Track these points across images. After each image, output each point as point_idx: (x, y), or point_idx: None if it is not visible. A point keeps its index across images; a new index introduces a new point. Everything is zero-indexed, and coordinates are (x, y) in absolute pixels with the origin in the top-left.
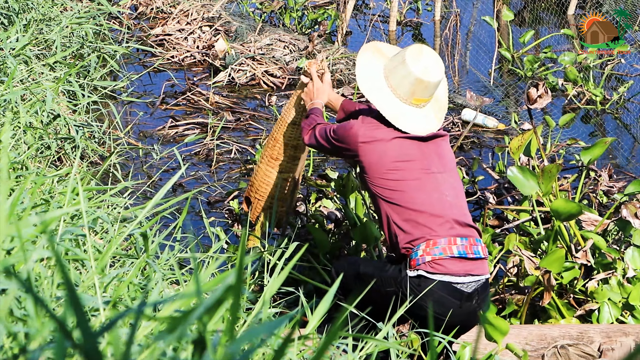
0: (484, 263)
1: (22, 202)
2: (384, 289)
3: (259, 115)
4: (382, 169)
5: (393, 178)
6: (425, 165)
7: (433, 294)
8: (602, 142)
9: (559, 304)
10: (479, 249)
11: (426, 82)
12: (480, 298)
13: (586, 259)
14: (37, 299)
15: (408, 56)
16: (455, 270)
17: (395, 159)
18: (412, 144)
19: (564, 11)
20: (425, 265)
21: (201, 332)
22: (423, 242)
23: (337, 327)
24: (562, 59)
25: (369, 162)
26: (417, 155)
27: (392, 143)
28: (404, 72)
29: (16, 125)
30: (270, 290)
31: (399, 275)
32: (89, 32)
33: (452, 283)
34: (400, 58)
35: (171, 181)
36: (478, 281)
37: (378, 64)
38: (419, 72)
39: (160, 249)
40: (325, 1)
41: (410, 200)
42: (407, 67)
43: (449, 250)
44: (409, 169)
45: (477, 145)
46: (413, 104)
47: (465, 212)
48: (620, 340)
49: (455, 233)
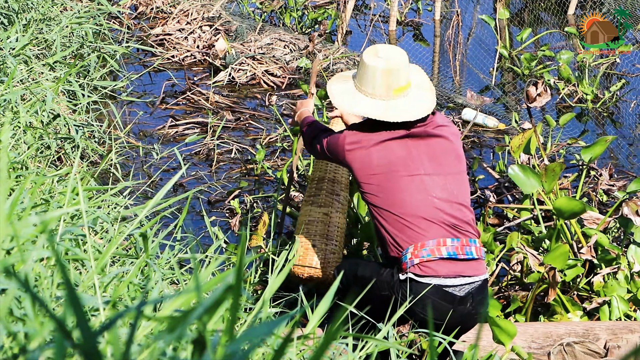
0: (478, 263)
1: (22, 202)
2: (380, 293)
3: (259, 115)
4: (367, 173)
5: (376, 182)
6: (411, 168)
7: (425, 298)
8: (603, 140)
9: (564, 300)
10: (472, 249)
11: (393, 68)
12: (475, 300)
13: (590, 255)
14: (36, 298)
15: (366, 59)
16: (444, 272)
17: (378, 162)
18: (399, 146)
19: (564, 11)
20: (414, 267)
21: (201, 331)
22: (411, 245)
23: (336, 327)
24: (560, 57)
25: (355, 168)
26: (402, 159)
27: (377, 148)
28: (370, 73)
29: (16, 125)
30: (270, 290)
31: (391, 279)
32: (88, 32)
33: (442, 286)
34: (361, 66)
35: (171, 181)
36: (472, 283)
37: (347, 85)
38: (382, 64)
39: (160, 248)
40: (325, 1)
41: (396, 203)
42: (370, 66)
43: (437, 251)
44: (392, 171)
45: (477, 144)
46: (395, 96)
47: (459, 214)
48: (626, 337)
49: (444, 234)
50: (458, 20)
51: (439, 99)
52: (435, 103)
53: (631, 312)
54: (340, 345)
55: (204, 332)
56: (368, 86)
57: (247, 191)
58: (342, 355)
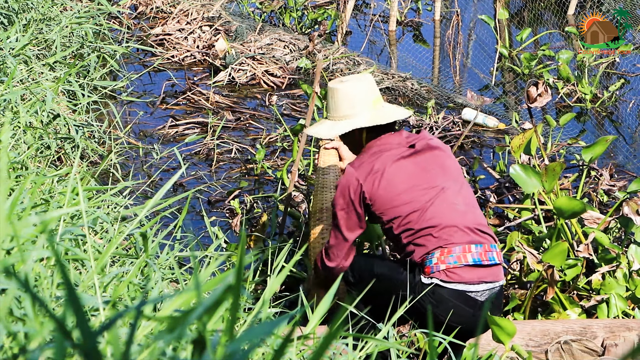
0: (499, 269)
1: (22, 202)
2: (398, 292)
3: (259, 115)
4: (392, 196)
5: (403, 202)
6: (430, 181)
7: (447, 302)
8: (603, 140)
9: (562, 298)
10: (494, 255)
11: (363, 84)
12: (494, 306)
13: (588, 253)
14: (36, 298)
15: (335, 85)
16: (469, 278)
17: (401, 183)
18: (411, 163)
19: (564, 11)
20: (439, 273)
21: (201, 331)
22: (437, 250)
23: (336, 326)
24: (560, 56)
25: (378, 196)
26: (419, 173)
27: (392, 170)
28: (341, 96)
29: (16, 125)
30: (270, 290)
31: (412, 280)
32: (88, 32)
33: (466, 292)
34: (332, 96)
35: (171, 181)
36: (492, 289)
37: (326, 123)
38: (349, 84)
39: (160, 248)
40: (325, 1)
41: (425, 219)
42: (341, 89)
43: (463, 258)
44: (416, 188)
45: (477, 144)
46: (375, 106)
47: (478, 219)
48: (623, 335)
49: (470, 240)
50: (458, 20)
51: (439, 99)
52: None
53: (629, 310)
54: (341, 345)
55: (203, 332)
56: (346, 109)
57: (247, 191)
58: (342, 355)
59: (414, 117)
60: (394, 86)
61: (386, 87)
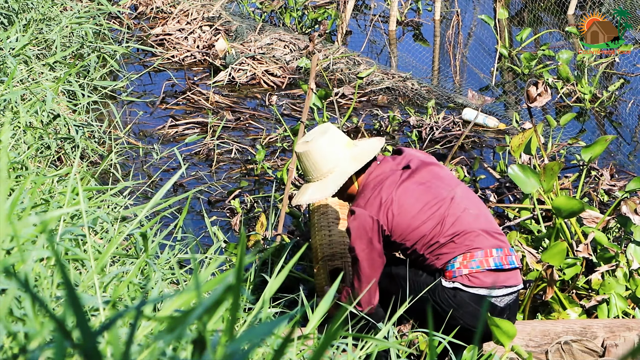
0: (517, 273)
1: (22, 202)
2: (416, 294)
3: (259, 115)
4: (409, 219)
5: (422, 222)
6: (437, 195)
7: (468, 306)
8: (603, 140)
9: (561, 297)
10: (513, 258)
11: (329, 134)
12: (511, 312)
13: (587, 252)
14: (36, 298)
15: (302, 148)
16: (490, 282)
17: (413, 205)
18: (413, 184)
19: (564, 11)
20: (462, 278)
21: (201, 331)
22: (460, 255)
23: (336, 326)
24: (560, 56)
25: (395, 224)
26: (425, 191)
27: (399, 195)
28: (315, 155)
29: (16, 125)
30: (270, 290)
31: (432, 283)
32: (88, 32)
33: (486, 296)
34: (305, 163)
35: (171, 181)
36: (511, 293)
37: (310, 187)
38: (317, 142)
39: (160, 248)
40: (325, 1)
41: (447, 229)
42: (311, 152)
43: (485, 263)
44: (428, 205)
45: (478, 144)
46: (350, 147)
47: (491, 221)
48: (623, 335)
49: (490, 244)
50: (458, 20)
51: (440, 99)
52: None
53: (629, 309)
54: (341, 345)
55: (204, 332)
56: (327, 164)
57: (247, 191)
58: (342, 355)
59: (414, 117)
60: (394, 86)
61: (386, 87)
